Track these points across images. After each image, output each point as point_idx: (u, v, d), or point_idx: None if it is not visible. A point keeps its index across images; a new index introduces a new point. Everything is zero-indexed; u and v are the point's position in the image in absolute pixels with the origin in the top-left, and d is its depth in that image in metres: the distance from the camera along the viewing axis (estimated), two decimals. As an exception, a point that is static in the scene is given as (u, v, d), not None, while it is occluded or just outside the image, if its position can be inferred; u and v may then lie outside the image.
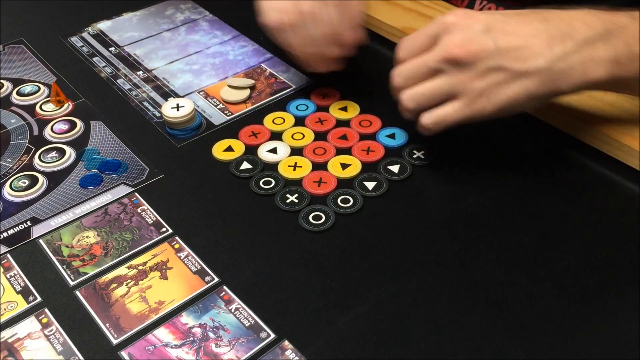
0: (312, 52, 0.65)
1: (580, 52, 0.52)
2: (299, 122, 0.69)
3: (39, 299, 0.53)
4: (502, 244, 0.56)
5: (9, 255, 0.56)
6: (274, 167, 0.64)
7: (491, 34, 0.53)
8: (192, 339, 0.49)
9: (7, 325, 0.51)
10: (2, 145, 0.67)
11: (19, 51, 0.82)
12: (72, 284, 0.54)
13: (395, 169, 0.63)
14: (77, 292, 0.53)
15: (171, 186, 0.63)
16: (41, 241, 0.57)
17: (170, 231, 0.58)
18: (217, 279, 0.53)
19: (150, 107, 0.72)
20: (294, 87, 0.74)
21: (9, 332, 0.50)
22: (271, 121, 0.69)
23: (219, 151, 0.65)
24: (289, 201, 0.60)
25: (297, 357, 0.48)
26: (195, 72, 0.77)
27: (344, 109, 0.70)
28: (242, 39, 0.82)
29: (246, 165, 0.64)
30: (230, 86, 0.73)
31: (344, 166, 0.63)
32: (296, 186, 0.61)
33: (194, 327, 0.50)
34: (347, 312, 0.51)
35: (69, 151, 0.66)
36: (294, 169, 0.63)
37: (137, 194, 0.61)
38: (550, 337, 0.49)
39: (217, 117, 0.70)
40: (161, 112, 0.69)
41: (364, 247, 0.56)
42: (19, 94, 0.74)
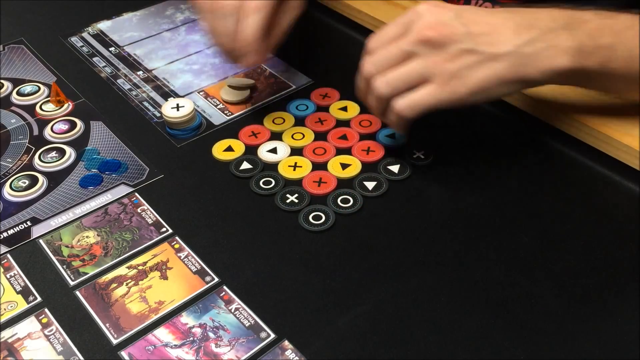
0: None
1: (544, 39, 0.54)
2: (299, 122, 0.69)
3: (39, 299, 0.53)
4: (502, 244, 0.56)
5: (9, 255, 0.56)
6: (274, 167, 0.64)
7: (462, 20, 0.55)
8: (192, 339, 0.49)
9: (7, 325, 0.51)
10: (2, 145, 0.67)
11: (19, 51, 0.82)
12: (72, 284, 0.54)
13: (395, 169, 0.63)
14: (77, 292, 0.53)
15: (171, 186, 0.63)
16: (41, 241, 0.57)
17: (170, 231, 0.58)
18: (217, 279, 0.53)
19: (150, 107, 0.72)
20: (294, 87, 0.74)
21: (9, 332, 0.50)
22: (271, 121, 0.69)
23: (219, 151, 0.65)
24: (289, 201, 0.60)
25: (297, 357, 0.48)
26: (195, 72, 0.77)
27: (344, 109, 0.70)
28: (242, 39, 0.82)
29: (246, 165, 0.64)
30: (230, 86, 0.73)
31: (344, 166, 0.63)
32: (296, 186, 0.61)
33: (194, 327, 0.50)
34: (347, 312, 0.51)
35: (69, 151, 0.66)
36: (294, 169, 0.63)
37: (137, 194, 0.61)
38: (550, 337, 0.49)
39: (217, 117, 0.70)
40: (161, 112, 0.69)
41: (364, 247, 0.56)
42: (19, 94, 0.74)
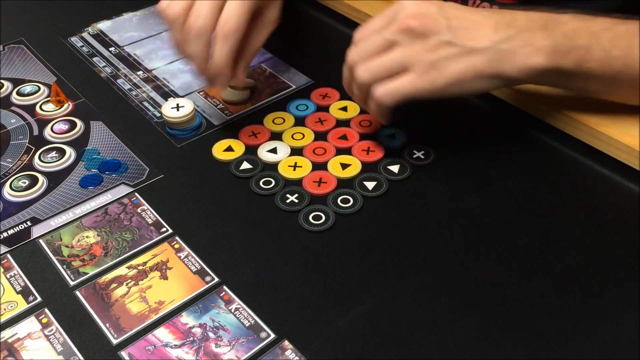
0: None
1: (521, 38, 0.56)
2: (299, 122, 0.69)
3: (39, 299, 0.53)
4: (502, 244, 0.56)
5: (9, 255, 0.56)
6: (274, 167, 0.64)
7: (444, 14, 0.57)
8: (192, 339, 0.49)
9: (7, 325, 0.51)
10: (2, 145, 0.67)
11: (19, 51, 0.82)
12: (72, 284, 0.54)
13: (395, 169, 0.63)
14: (77, 292, 0.53)
15: (171, 186, 0.63)
16: (41, 241, 0.57)
17: (170, 231, 0.58)
18: (217, 279, 0.53)
19: (150, 107, 0.72)
20: (294, 87, 0.74)
21: (9, 332, 0.50)
22: (271, 121, 0.69)
23: (219, 151, 0.65)
24: (289, 201, 0.60)
25: (297, 357, 0.48)
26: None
27: (344, 109, 0.70)
28: (242, 39, 0.82)
29: (246, 165, 0.64)
30: (230, 86, 0.73)
31: (344, 166, 0.63)
32: (296, 186, 0.61)
33: (194, 327, 0.50)
34: (347, 312, 0.51)
35: (69, 151, 0.66)
36: (294, 169, 0.63)
37: (137, 194, 0.61)
38: (550, 337, 0.49)
39: (217, 117, 0.70)
40: (161, 112, 0.69)
41: (364, 247, 0.56)
42: (19, 94, 0.74)
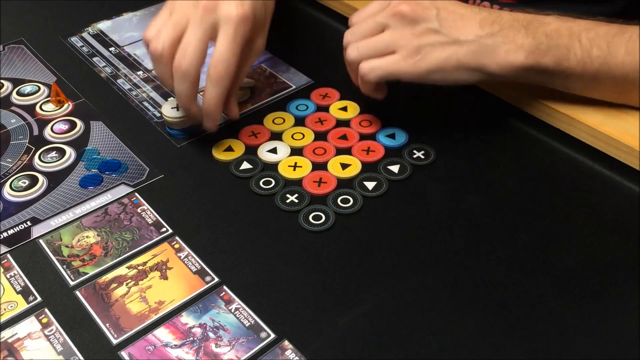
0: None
1: (504, 35, 0.59)
2: (299, 122, 0.69)
3: (39, 299, 0.53)
4: (502, 244, 0.56)
5: (9, 255, 0.56)
6: (274, 167, 0.64)
7: (435, 5, 0.61)
8: (192, 339, 0.49)
9: (7, 325, 0.51)
10: (2, 145, 0.67)
11: (19, 51, 0.82)
12: (72, 284, 0.54)
13: (395, 169, 0.63)
14: (77, 292, 0.53)
15: (171, 186, 0.63)
16: (41, 241, 0.57)
17: (170, 231, 0.58)
18: (217, 279, 0.53)
19: (150, 107, 0.72)
20: (294, 87, 0.74)
21: (9, 332, 0.50)
22: (271, 121, 0.69)
23: (219, 151, 0.65)
24: (289, 201, 0.60)
25: (297, 357, 0.48)
26: (195, 72, 0.77)
27: (344, 109, 0.70)
28: (242, 39, 0.82)
29: (246, 165, 0.64)
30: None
31: (344, 166, 0.63)
32: (296, 186, 0.61)
33: (194, 327, 0.50)
34: (347, 312, 0.51)
35: (69, 151, 0.66)
36: (294, 169, 0.63)
37: (137, 194, 0.61)
38: (550, 337, 0.49)
39: (217, 117, 0.70)
40: (161, 112, 0.68)
41: (364, 247, 0.56)
42: (19, 94, 0.74)
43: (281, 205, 0.59)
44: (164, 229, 0.58)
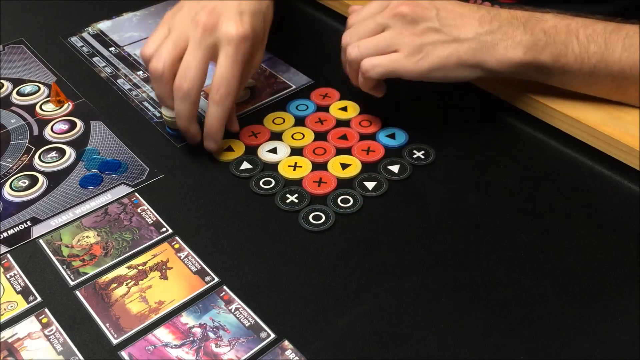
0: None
1: (503, 32, 0.60)
2: (299, 122, 0.69)
3: (39, 299, 0.53)
4: (502, 244, 0.56)
5: (9, 255, 0.56)
6: (274, 167, 0.64)
7: (434, 5, 0.61)
8: (192, 339, 0.49)
9: (7, 325, 0.51)
10: (2, 145, 0.67)
11: (19, 51, 0.82)
12: (72, 284, 0.54)
13: (395, 169, 0.63)
14: (77, 292, 0.53)
15: (171, 186, 0.63)
16: (41, 241, 0.57)
17: (170, 231, 0.58)
18: (217, 279, 0.53)
19: (150, 107, 0.72)
20: (294, 87, 0.74)
21: (9, 332, 0.50)
22: (271, 121, 0.69)
23: (219, 151, 0.65)
24: (289, 201, 0.60)
25: (297, 357, 0.48)
26: (195, 72, 0.77)
27: (344, 109, 0.70)
28: (242, 39, 0.82)
29: (246, 165, 0.64)
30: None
31: (344, 166, 0.63)
32: (296, 186, 0.61)
33: (194, 327, 0.50)
34: (347, 312, 0.51)
35: (69, 151, 0.66)
36: (294, 169, 0.63)
37: (137, 194, 0.61)
38: (550, 337, 0.49)
39: (217, 117, 0.70)
40: (161, 112, 0.68)
41: (364, 247, 0.56)
42: (19, 94, 0.74)
43: (281, 205, 0.59)
44: (164, 229, 0.58)
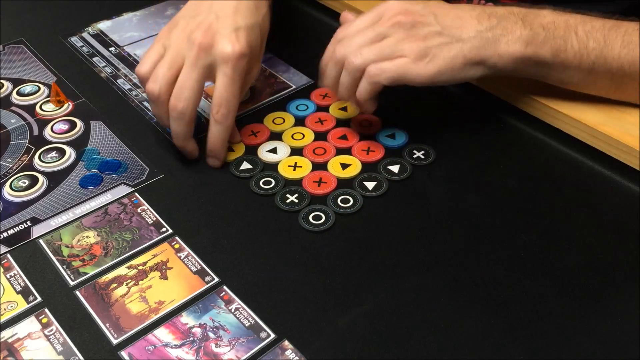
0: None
1: (502, 27, 0.60)
2: (299, 122, 0.69)
3: (39, 299, 0.53)
4: (502, 244, 0.56)
5: (9, 255, 0.56)
6: (274, 167, 0.64)
7: (430, 9, 0.61)
8: (192, 339, 0.49)
9: (7, 325, 0.51)
10: (2, 145, 0.67)
11: (19, 51, 0.82)
12: (72, 284, 0.54)
13: (395, 169, 0.63)
14: (77, 292, 0.53)
15: (171, 186, 0.63)
16: (41, 241, 0.57)
17: (170, 231, 0.58)
18: (217, 279, 0.53)
19: (150, 107, 0.72)
20: (294, 87, 0.74)
21: (9, 332, 0.50)
22: (271, 121, 0.69)
23: (219, 151, 0.65)
24: (289, 201, 0.60)
25: (297, 357, 0.48)
26: (195, 72, 0.77)
27: (344, 109, 0.70)
28: (242, 39, 0.82)
29: (246, 165, 0.64)
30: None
31: (344, 166, 0.63)
32: (296, 186, 0.61)
33: (194, 327, 0.50)
34: (347, 312, 0.51)
35: (69, 151, 0.66)
36: (294, 169, 0.63)
37: (137, 194, 0.61)
38: (550, 337, 0.49)
39: (217, 117, 0.70)
40: (161, 112, 0.68)
41: (364, 247, 0.56)
42: (19, 94, 0.74)
43: (281, 205, 0.59)
44: (164, 229, 0.58)
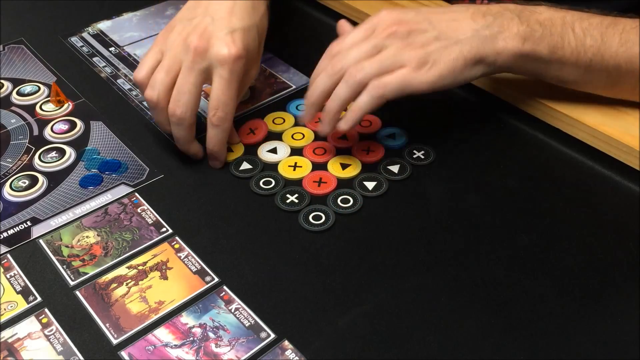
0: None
1: (499, 24, 0.60)
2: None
3: (39, 299, 0.53)
4: (502, 244, 0.56)
5: (9, 255, 0.56)
6: (274, 167, 0.64)
7: (423, 16, 0.61)
8: (192, 339, 0.49)
9: (7, 325, 0.51)
10: (2, 145, 0.67)
11: (19, 51, 0.82)
12: (72, 284, 0.54)
13: (395, 169, 0.63)
14: (77, 292, 0.53)
15: (171, 186, 0.63)
16: (41, 241, 0.57)
17: (170, 231, 0.58)
18: (217, 279, 0.53)
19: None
20: (294, 87, 0.74)
21: (9, 332, 0.50)
22: (271, 121, 0.69)
23: (219, 151, 0.65)
24: (289, 201, 0.60)
25: (297, 357, 0.48)
26: (195, 72, 0.77)
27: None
28: (242, 39, 0.82)
29: (246, 165, 0.64)
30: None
31: (344, 166, 0.63)
32: (296, 186, 0.61)
33: (194, 327, 0.50)
34: (347, 312, 0.51)
35: (69, 151, 0.66)
36: (294, 169, 0.63)
37: (137, 194, 0.61)
38: (550, 337, 0.49)
39: (217, 117, 0.70)
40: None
41: (364, 247, 0.56)
42: (19, 94, 0.74)
43: (281, 205, 0.59)
44: (164, 229, 0.58)
